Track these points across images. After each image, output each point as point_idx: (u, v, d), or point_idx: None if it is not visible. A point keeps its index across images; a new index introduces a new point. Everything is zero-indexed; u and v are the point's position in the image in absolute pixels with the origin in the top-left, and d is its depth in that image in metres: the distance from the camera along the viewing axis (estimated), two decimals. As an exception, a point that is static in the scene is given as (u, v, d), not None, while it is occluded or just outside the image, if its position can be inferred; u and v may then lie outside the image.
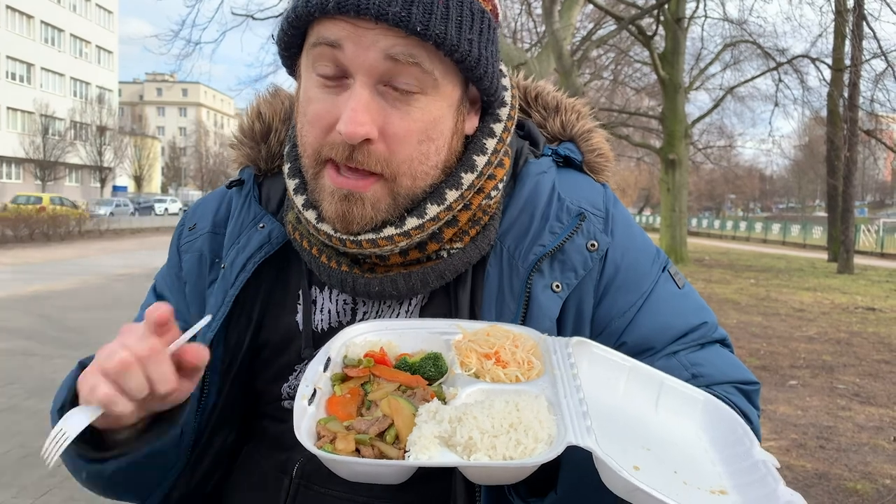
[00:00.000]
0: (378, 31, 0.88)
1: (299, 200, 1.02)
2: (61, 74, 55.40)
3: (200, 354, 0.83)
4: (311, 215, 1.00)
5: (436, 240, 1.00)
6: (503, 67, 1.08)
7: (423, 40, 0.88)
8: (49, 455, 0.82)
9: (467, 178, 0.99)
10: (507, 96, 1.08)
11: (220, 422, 1.08)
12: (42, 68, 52.85)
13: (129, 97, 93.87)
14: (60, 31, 54.76)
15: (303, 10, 0.91)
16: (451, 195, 0.98)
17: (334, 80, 0.92)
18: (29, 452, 4.73)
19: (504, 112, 1.06)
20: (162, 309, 0.81)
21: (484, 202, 1.02)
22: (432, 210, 0.97)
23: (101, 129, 54.95)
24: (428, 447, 0.74)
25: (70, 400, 0.88)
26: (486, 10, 0.96)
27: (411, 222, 0.96)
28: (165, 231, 35.03)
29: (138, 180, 70.59)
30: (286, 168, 1.07)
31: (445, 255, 1.01)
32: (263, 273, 1.07)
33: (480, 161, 1.01)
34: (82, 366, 0.92)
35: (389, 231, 0.96)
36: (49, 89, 53.59)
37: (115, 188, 63.78)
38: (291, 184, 1.04)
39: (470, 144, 1.02)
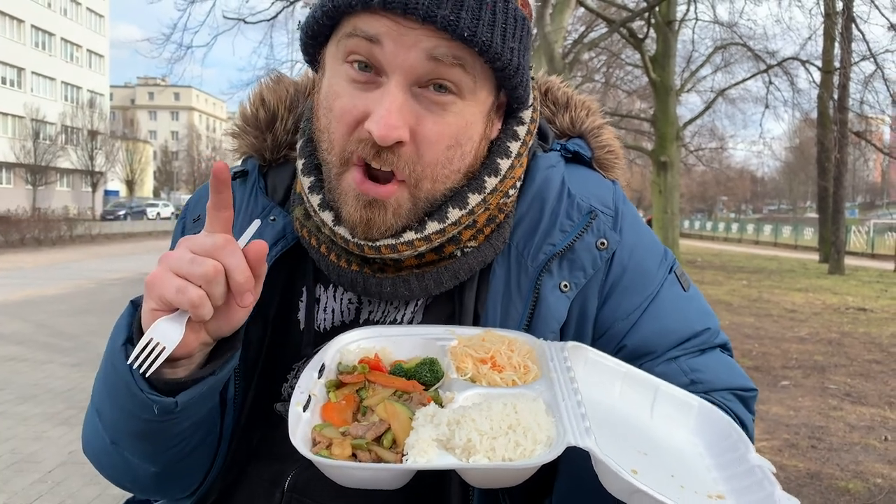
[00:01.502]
0: (421, 31, 0.84)
1: (315, 200, 0.98)
2: (52, 79, 55.03)
3: (262, 247, 0.82)
4: (327, 217, 0.96)
5: (453, 242, 0.98)
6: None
7: (468, 46, 0.85)
8: (145, 367, 0.79)
9: (491, 182, 0.97)
10: (530, 98, 1.04)
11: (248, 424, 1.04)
12: (33, 72, 52.50)
13: (121, 101, 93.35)
14: (51, 35, 54.41)
15: (342, 0, 0.86)
16: (474, 199, 0.95)
17: (366, 75, 0.88)
18: (19, 458, 4.69)
19: (527, 115, 1.04)
20: (220, 165, 0.82)
21: (501, 201, 1.00)
22: (454, 214, 0.94)
23: (93, 134, 54.57)
24: (426, 450, 0.73)
25: (133, 334, 0.84)
26: (526, 16, 0.93)
27: (432, 226, 0.94)
28: (158, 235, 34.93)
29: (130, 184, 70.16)
30: (300, 164, 1.03)
31: (459, 254, 0.99)
32: (274, 268, 1.03)
33: (504, 164, 0.99)
34: (136, 304, 0.88)
35: (409, 236, 0.93)
36: (40, 93, 53.23)
37: (107, 192, 63.44)
38: (306, 181, 1.00)
39: (493, 147, 1.00)
